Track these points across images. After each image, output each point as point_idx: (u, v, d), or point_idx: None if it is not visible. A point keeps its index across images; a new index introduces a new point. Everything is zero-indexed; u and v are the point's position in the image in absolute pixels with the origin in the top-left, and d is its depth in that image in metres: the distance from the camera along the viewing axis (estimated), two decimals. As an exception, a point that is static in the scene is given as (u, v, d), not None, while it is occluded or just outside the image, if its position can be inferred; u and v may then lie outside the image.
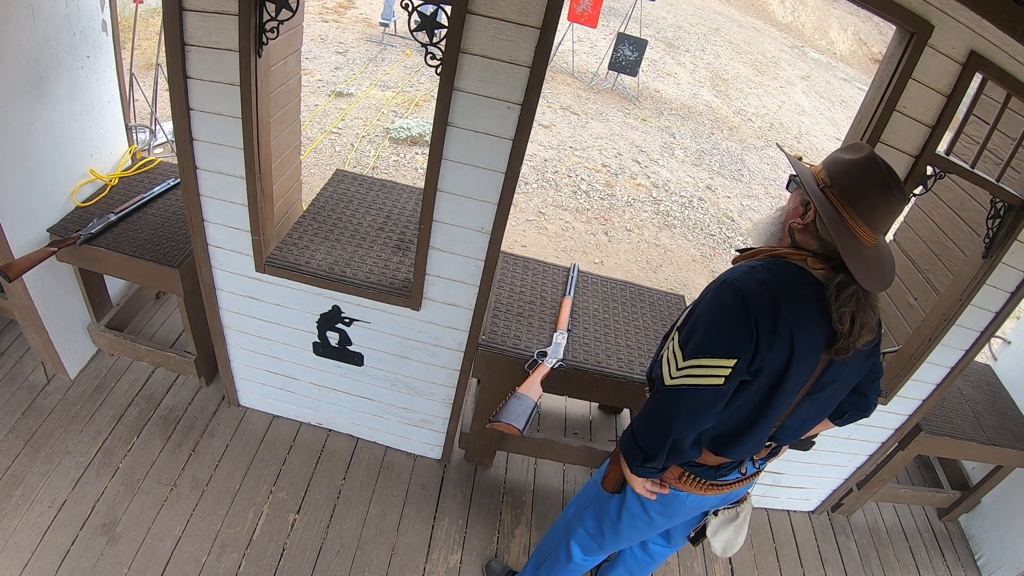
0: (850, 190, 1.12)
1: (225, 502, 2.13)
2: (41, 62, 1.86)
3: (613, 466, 1.46)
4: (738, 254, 1.30)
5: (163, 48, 1.56)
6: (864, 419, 1.48)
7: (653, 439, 1.24)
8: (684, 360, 1.18)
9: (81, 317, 2.37)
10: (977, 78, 1.49)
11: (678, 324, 1.27)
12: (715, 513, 1.49)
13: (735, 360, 1.14)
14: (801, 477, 2.50)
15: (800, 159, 1.24)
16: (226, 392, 2.41)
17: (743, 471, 1.41)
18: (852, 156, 1.14)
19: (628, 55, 7.43)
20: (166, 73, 1.56)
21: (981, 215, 1.92)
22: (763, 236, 1.29)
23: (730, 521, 1.50)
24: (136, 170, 2.40)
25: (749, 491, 1.54)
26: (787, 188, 1.27)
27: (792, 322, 1.12)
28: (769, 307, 1.12)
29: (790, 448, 2.28)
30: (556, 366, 1.93)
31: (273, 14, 1.45)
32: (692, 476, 1.37)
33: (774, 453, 1.45)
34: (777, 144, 1.32)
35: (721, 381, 1.15)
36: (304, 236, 2.04)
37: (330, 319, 2.01)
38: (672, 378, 1.20)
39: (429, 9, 1.38)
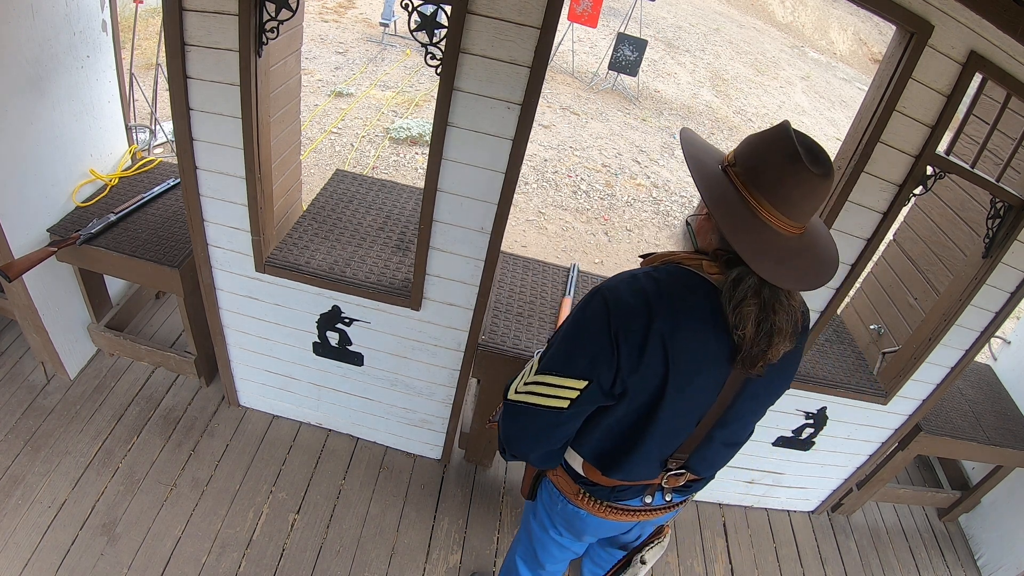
0: (753, 166, 0.94)
1: (225, 502, 2.13)
2: (41, 62, 1.86)
3: (526, 472, 1.41)
4: (641, 259, 1.15)
5: (163, 48, 1.56)
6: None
7: (505, 441, 1.18)
8: (534, 374, 1.06)
9: (81, 317, 2.37)
10: (977, 78, 1.49)
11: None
12: (642, 561, 1.39)
13: (586, 382, 1.01)
14: (801, 477, 2.50)
15: (709, 149, 1.08)
16: (226, 392, 2.41)
17: (647, 500, 1.24)
18: (764, 132, 0.97)
19: (628, 55, 7.43)
20: (166, 73, 1.56)
21: (981, 215, 1.93)
22: (679, 238, 1.14)
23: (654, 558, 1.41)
24: (136, 170, 2.40)
25: (666, 524, 1.41)
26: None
27: (668, 338, 0.96)
28: (637, 322, 0.97)
29: (790, 448, 2.32)
30: (556, 366, 1.93)
31: (273, 14, 1.45)
32: (588, 495, 1.24)
33: (695, 485, 1.27)
34: (683, 128, 1.12)
35: (565, 404, 1.03)
36: (304, 236, 2.04)
37: (330, 319, 2.01)
38: (516, 392, 1.08)
39: (429, 9, 1.37)
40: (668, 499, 1.26)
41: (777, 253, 0.94)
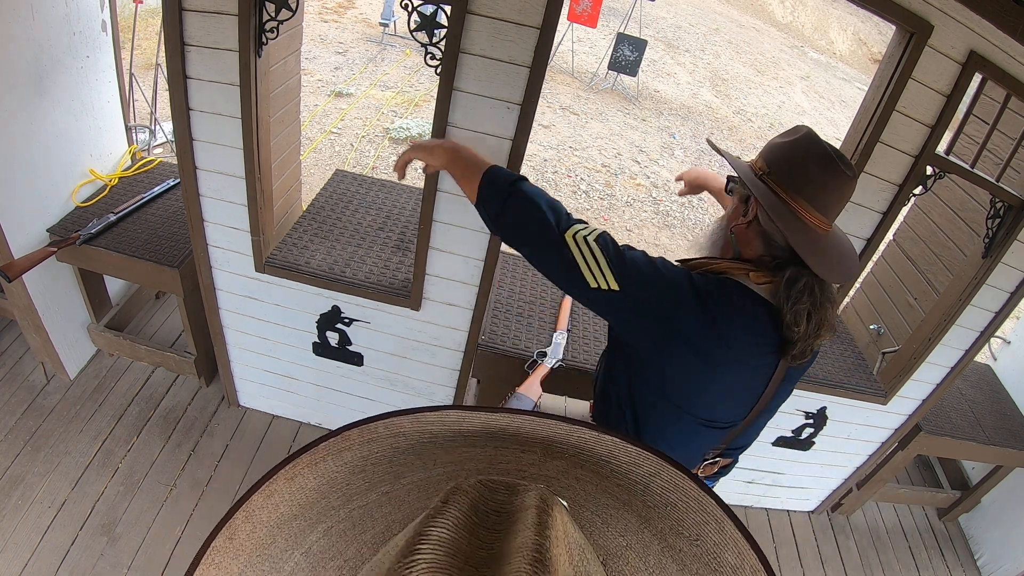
0: (792, 173, 1.00)
1: (225, 502, 2.13)
2: (41, 62, 1.86)
3: None
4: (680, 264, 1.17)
5: (163, 48, 1.56)
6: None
7: (511, 219, 1.16)
8: (593, 240, 1.03)
9: (81, 317, 2.37)
10: (977, 78, 1.49)
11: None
12: None
13: (618, 288, 1.01)
14: (801, 477, 2.50)
15: (738, 159, 1.13)
16: (226, 392, 2.40)
17: None
18: (789, 138, 1.03)
19: (628, 55, 7.43)
20: (166, 73, 1.56)
21: (981, 215, 1.93)
22: (706, 246, 1.16)
23: None
24: (136, 170, 2.40)
25: None
26: (726, 191, 1.14)
27: (721, 369, 1.03)
28: (710, 329, 1.01)
29: (789, 448, 2.32)
30: (556, 366, 1.93)
31: (273, 14, 1.45)
32: None
33: (724, 471, 1.33)
34: (708, 139, 1.17)
35: (592, 284, 1.00)
36: (304, 236, 2.04)
37: (330, 319, 2.00)
38: (574, 237, 1.04)
39: (429, 9, 1.37)
40: None
41: (824, 251, 1.01)
